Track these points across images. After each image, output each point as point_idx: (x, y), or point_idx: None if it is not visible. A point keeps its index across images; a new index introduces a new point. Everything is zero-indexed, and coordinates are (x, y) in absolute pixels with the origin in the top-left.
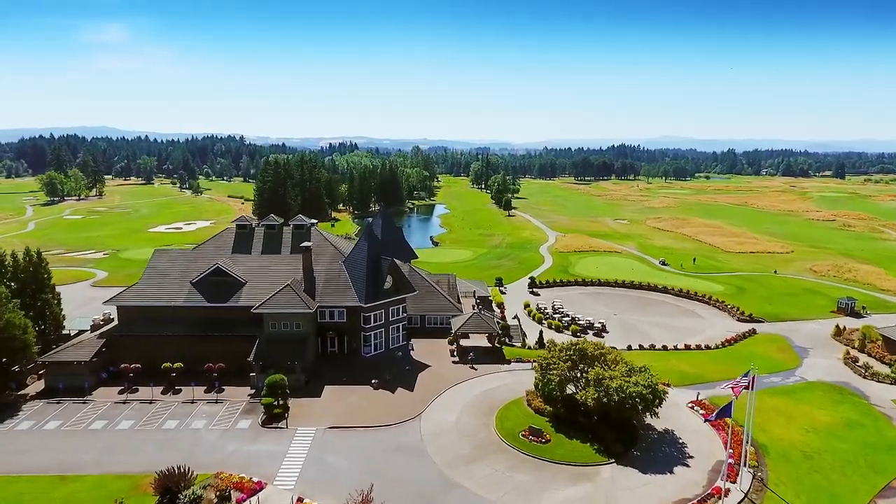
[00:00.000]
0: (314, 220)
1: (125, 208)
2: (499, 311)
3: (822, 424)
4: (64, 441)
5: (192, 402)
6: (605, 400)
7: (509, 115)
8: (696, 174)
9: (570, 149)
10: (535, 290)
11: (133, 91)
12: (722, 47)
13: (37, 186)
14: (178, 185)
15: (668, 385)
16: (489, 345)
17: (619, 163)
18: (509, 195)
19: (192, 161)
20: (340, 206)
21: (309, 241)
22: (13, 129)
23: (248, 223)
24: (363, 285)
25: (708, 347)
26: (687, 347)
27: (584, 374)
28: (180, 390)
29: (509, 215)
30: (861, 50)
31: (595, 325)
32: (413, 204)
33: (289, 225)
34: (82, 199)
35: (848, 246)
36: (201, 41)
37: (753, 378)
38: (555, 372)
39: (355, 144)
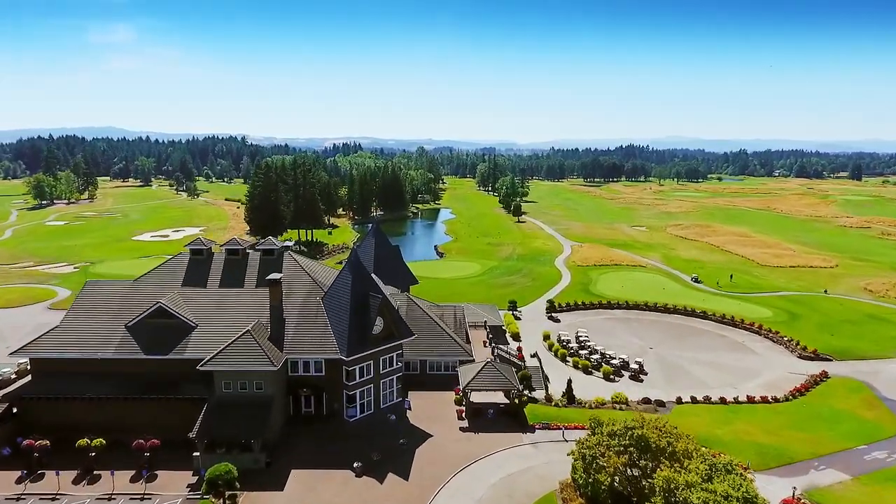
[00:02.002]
0: (289, 241)
1: (114, 213)
2: (514, 344)
3: None
4: None
5: (110, 499)
6: None
7: (514, 115)
8: (709, 175)
9: (577, 149)
10: (553, 314)
11: (140, 91)
12: (724, 47)
13: (25, 189)
14: (175, 187)
15: (748, 469)
16: (507, 401)
17: (630, 164)
18: (518, 200)
19: (191, 162)
20: (340, 211)
21: (280, 270)
22: (20, 130)
23: (203, 247)
24: (346, 331)
25: (776, 399)
26: (750, 400)
27: (649, 478)
28: (99, 476)
29: (519, 221)
30: (864, 50)
31: (630, 364)
32: (417, 208)
33: (256, 249)
34: (72, 202)
35: None
36: (207, 42)
37: None
38: (604, 469)
39: (359, 145)
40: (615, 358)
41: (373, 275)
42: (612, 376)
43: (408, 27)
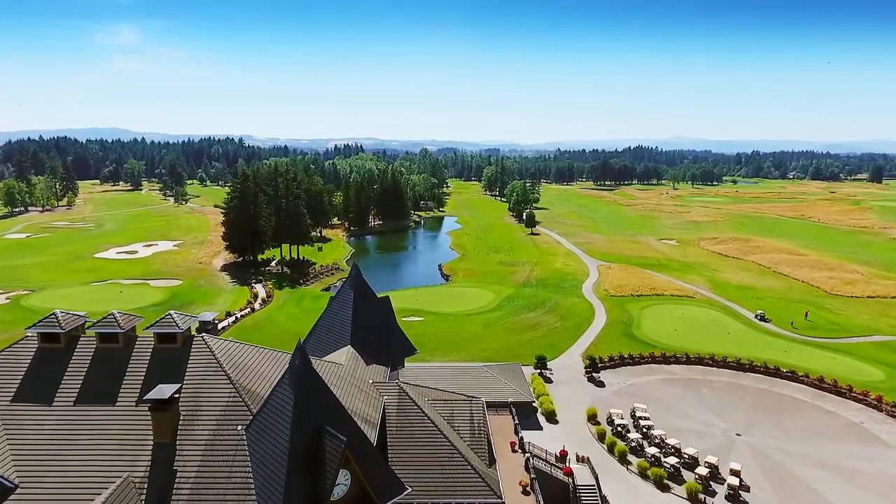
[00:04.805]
0: (207, 317)
1: (88, 223)
2: (551, 432)
3: None
4: None
5: None
6: None
7: (516, 115)
8: (723, 178)
9: (584, 150)
10: (594, 374)
11: (144, 92)
12: (725, 48)
13: None
14: (163, 191)
15: None
16: None
17: (642, 166)
18: (530, 208)
19: (182, 165)
20: (336, 220)
21: (180, 374)
22: (24, 131)
23: (60, 331)
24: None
25: None
26: None
27: None
28: None
29: (532, 233)
30: (868, 49)
31: (720, 475)
32: (419, 216)
33: (149, 331)
34: (47, 209)
35: None
36: (212, 43)
37: None
38: None
39: (361, 146)
40: (699, 463)
41: (349, 347)
42: (700, 495)
43: (411, 29)
